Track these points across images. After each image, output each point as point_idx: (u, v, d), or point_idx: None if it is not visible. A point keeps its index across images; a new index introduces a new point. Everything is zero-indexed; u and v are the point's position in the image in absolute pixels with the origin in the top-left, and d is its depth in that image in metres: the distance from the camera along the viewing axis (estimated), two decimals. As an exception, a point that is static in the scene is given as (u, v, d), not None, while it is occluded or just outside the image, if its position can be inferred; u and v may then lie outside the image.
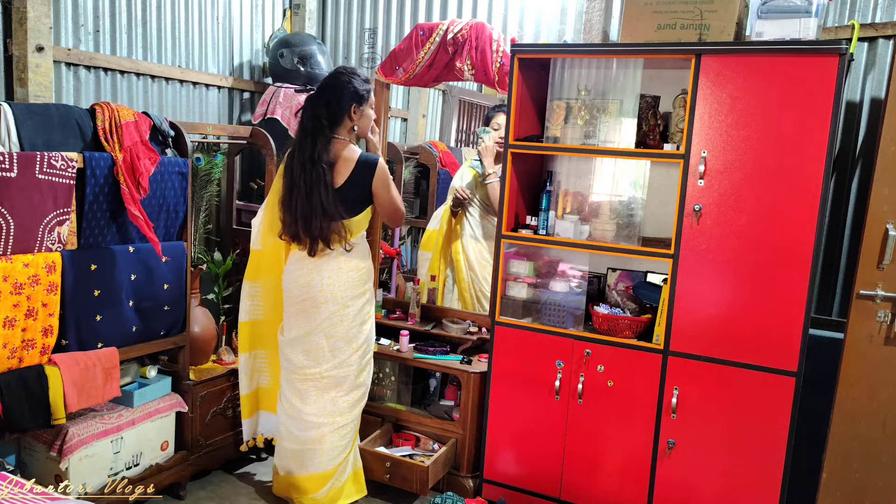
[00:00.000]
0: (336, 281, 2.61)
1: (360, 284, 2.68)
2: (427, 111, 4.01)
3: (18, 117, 2.31)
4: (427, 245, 3.54)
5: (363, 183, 2.60)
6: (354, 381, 2.72)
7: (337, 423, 2.68)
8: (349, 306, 2.63)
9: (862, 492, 2.42)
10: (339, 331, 2.64)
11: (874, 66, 2.80)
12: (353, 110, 2.61)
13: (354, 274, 2.64)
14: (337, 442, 2.70)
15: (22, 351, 2.27)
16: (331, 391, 2.68)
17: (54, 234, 2.35)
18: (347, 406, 2.71)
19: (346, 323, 2.64)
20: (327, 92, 2.60)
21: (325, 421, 2.67)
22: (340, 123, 2.61)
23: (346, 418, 2.71)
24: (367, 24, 3.97)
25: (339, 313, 2.62)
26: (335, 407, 2.68)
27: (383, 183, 2.63)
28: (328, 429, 2.68)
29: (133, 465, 2.69)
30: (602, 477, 2.73)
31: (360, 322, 2.69)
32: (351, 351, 2.67)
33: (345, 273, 2.62)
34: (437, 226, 3.48)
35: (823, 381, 2.50)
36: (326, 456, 2.69)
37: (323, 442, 2.68)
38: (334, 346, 2.64)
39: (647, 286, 2.82)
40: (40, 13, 2.70)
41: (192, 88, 3.60)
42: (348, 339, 2.66)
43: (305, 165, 2.54)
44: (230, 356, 3.16)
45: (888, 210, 2.29)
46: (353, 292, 2.64)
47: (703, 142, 2.45)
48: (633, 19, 2.61)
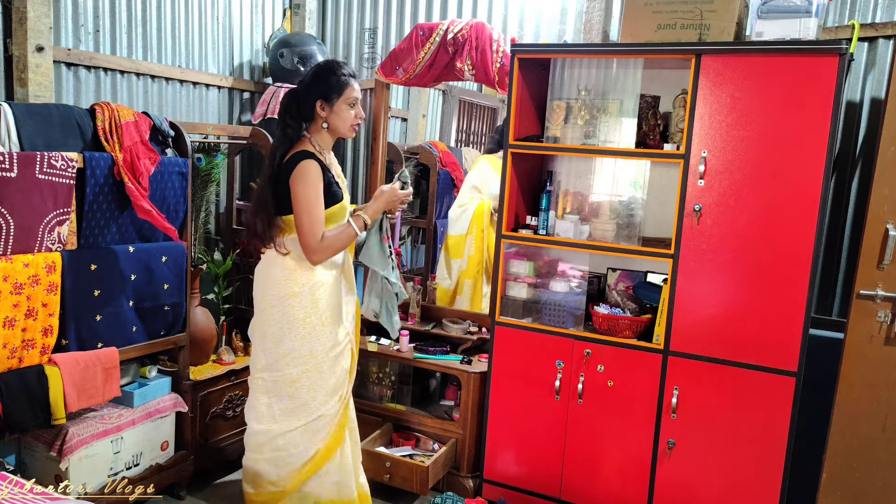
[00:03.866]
0: (267, 278, 2.42)
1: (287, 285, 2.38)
2: (427, 111, 4.00)
3: (18, 117, 2.31)
4: (457, 251, 3.38)
5: (284, 178, 2.33)
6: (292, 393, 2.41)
7: (272, 430, 2.41)
8: (275, 306, 2.39)
9: (862, 492, 2.42)
10: (269, 330, 2.41)
11: (874, 66, 2.80)
12: (321, 106, 2.36)
13: (280, 273, 2.38)
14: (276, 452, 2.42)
15: (22, 351, 2.27)
16: (263, 396, 2.45)
17: (54, 234, 2.35)
18: (282, 414, 2.42)
19: (273, 323, 2.40)
20: (298, 87, 2.43)
21: (262, 427, 2.43)
22: (310, 119, 2.40)
23: (282, 427, 2.41)
24: (367, 24, 3.96)
25: (267, 311, 2.41)
26: (270, 412, 2.43)
27: (299, 180, 2.28)
28: (264, 437, 2.43)
29: (133, 465, 2.68)
30: (602, 477, 2.73)
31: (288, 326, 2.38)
32: (280, 354, 2.40)
33: (276, 271, 2.39)
34: (464, 230, 3.37)
35: (823, 381, 2.50)
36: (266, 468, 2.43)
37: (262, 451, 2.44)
38: (265, 347, 2.43)
39: (647, 286, 2.82)
40: (40, 13, 2.70)
41: (192, 88, 3.60)
42: (277, 341, 2.40)
43: (267, 160, 2.43)
44: (230, 356, 3.16)
45: (888, 210, 2.29)
46: (279, 292, 2.38)
47: (703, 142, 2.45)
48: (633, 19, 2.61)
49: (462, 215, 3.40)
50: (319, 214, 2.31)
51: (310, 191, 2.29)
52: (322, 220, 2.32)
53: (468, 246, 3.38)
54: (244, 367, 3.10)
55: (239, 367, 3.09)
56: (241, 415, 3.09)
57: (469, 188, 3.44)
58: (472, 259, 3.38)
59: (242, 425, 3.12)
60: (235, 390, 3.08)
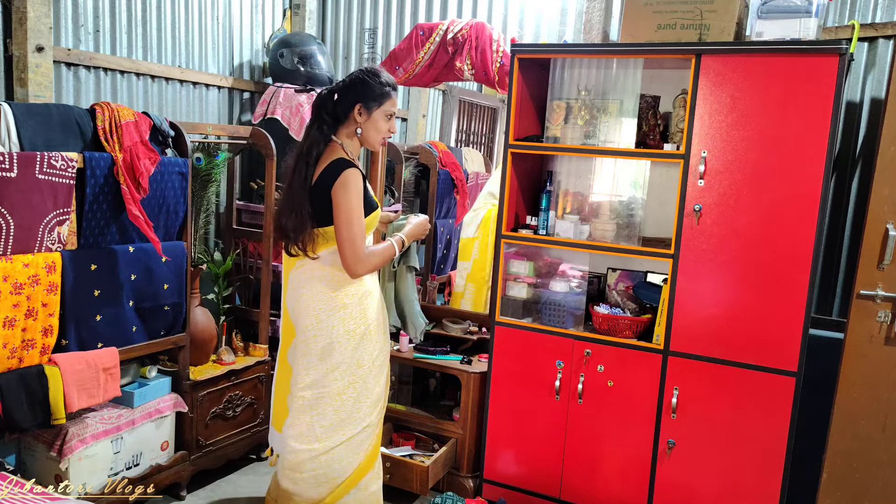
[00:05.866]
0: (311, 293, 2.32)
1: (337, 298, 2.31)
2: (427, 111, 4.00)
3: (18, 117, 2.31)
4: (465, 254, 3.38)
5: (326, 187, 2.25)
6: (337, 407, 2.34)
7: (315, 450, 2.33)
8: (323, 321, 2.30)
9: (862, 492, 2.42)
10: (315, 346, 2.32)
11: (874, 66, 2.80)
12: (359, 110, 2.29)
13: (326, 286, 2.30)
14: (317, 470, 2.34)
15: (22, 351, 2.27)
16: (305, 415, 2.35)
17: (54, 234, 2.35)
18: (324, 432, 2.34)
19: (322, 339, 2.31)
20: (338, 85, 2.36)
21: (303, 447, 2.34)
22: (343, 122, 2.32)
23: (325, 445, 2.33)
24: (367, 24, 3.97)
25: (313, 328, 2.31)
26: (311, 431, 2.33)
27: (342, 194, 2.21)
28: (305, 455, 2.34)
29: (133, 465, 2.68)
30: (602, 477, 2.73)
31: (338, 339, 2.31)
32: (328, 368, 2.32)
33: (319, 286, 2.31)
34: (472, 234, 3.36)
35: (823, 381, 2.50)
36: (304, 487, 2.36)
37: (301, 470, 2.36)
38: (309, 364, 2.34)
39: (647, 286, 2.82)
40: (40, 13, 2.70)
41: (192, 88, 3.60)
42: (325, 355, 2.32)
43: (299, 161, 2.32)
44: (230, 356, 3.16)
45: (888, 210, 2.29)
46: (327, 306, 2.30)
47: (703, 142, 2.45)
48: (633, 19, 2.61)
49: (473, 219, 3.45)
50: (362, 226, 2.25)
51: (353, 202, 2.22)
52: (364, 233, 2.26)
53: (475, 250, 3.40)
54: (244, 367, 3.10)
55: (239, 367, 3.08)
56: (241, 415, 3.11)
57: (486, 194, 3.49)
58: (477, 263, 3.40)
59: (242, 425, 3.14)
60: (235, 390, 3.08)
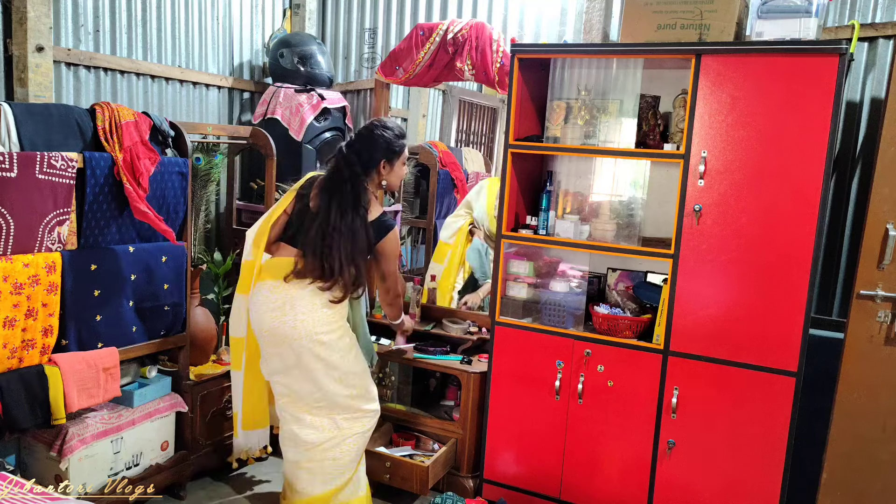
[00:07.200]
0: (314, 318, 2.47)
1: (335, 319, 2.52)
2: (427, 111, 4.00)
3: (18, 117, 2.31)
4: (439, 257, 3.44)
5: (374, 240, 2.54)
6: (349, 405, 2.55)
7: (335, 437, 2.53)
8: (324, 342, 2.48)
9: (862, 492, 2.42)
10: (316, 365, 2.48)
11: (874, 66, 2.80)
12: (383, 165, 2.55)
13: (329, 312, 2.49)
14: (340, 458, 2.55)
15: (22, 351, 2.27)
16: (326, 418, 2.54)
17: (54, 234, 2.35)
18: (346, 422, 2.55)
19: (322, 357, 2.48)
20: (359, 141, 2.56)
21: (324, 436, 2.53)
22: (369, 176, 2.56)
23: (345, 433, 2.54)
24: (367, 24, 3.97)
25: (313, 349, 2.46)
26: (335, 424, 2.54)
27: (391, 249, 2.59)
28: (325, 442, 2.53)
29: (133, 465, 2.68)
30: (602, 477, 2.73)
31: (348, 346, 2.55)
32: (332, 380, 2.51)
33: (323, 313, 2.48)
34: (450, 239, 3.40)
35: (823, 381, 2.50)
36: (326, 476, 2.54)
37: (322, 461, 2.54)
38: (315, 380, 2.49)
39: (647, 286, 2.82)
40: (40, 13, 2.70)
41: (192, 88, 3.60)
42: (327, 370, 2.50)
43: (347, 210, 2.47)
44: (230, 356, 3.15)
45: (888, 210, 2.29)
46: (328, 328, 2.49)
47: (703, 142, 2.45)
48: (633, 19, 2.61)
49: (453, 224, 3.47)
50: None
51: (396, 254, 2.67)
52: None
53: (447, 256, 3.43)
54: (244, 367, 3.10)
55: (239, 367, 3.08)
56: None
57: (464, 202, 3.50)
58: (445, 272, 3.42)
59: (242, 425, 3.14)
60: (235, 390, 3.08)
